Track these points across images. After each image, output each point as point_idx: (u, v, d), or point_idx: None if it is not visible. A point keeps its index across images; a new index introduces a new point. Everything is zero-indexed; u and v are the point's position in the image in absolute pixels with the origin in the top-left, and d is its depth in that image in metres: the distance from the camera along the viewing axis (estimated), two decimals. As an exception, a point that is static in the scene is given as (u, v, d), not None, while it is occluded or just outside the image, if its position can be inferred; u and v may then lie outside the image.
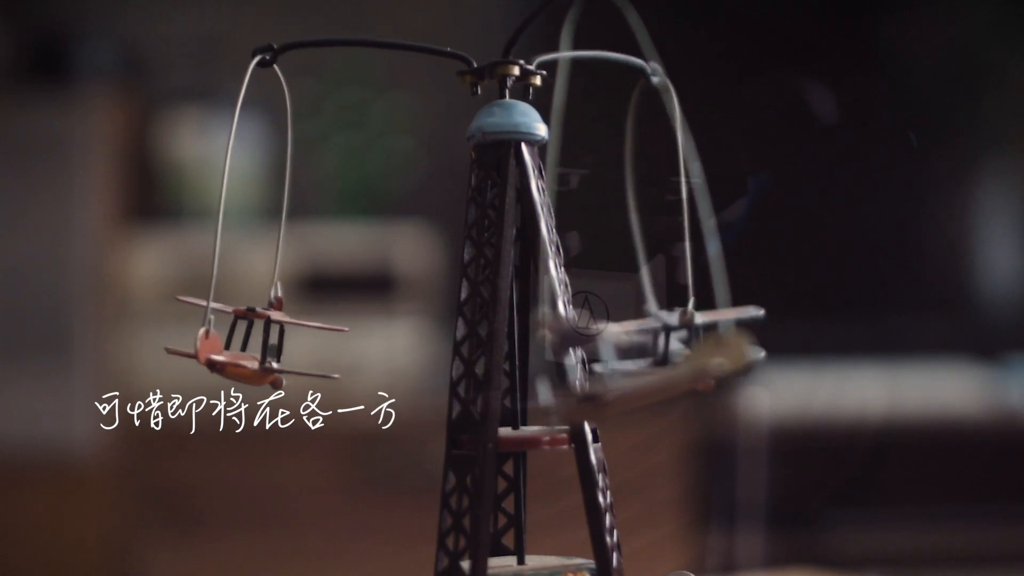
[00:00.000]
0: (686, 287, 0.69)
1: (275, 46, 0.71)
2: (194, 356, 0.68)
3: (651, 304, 0.71)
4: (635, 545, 0.72)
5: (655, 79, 0.72)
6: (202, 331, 0.68)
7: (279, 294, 0.72)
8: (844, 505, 2.19)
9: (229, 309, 0.71)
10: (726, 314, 0.70)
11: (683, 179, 0.70)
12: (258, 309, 0.70)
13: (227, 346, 0.69)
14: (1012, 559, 2.12)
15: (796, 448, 2.11)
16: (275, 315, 0.70)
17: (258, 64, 0.70)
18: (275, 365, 0.69)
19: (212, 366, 0.68)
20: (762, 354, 0.69)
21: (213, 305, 0.69)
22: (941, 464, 2.23)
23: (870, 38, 2.41)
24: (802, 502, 2.14)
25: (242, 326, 0.70)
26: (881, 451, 2.18)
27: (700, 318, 0.69)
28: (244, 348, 0.70)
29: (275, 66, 0.71)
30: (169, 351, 0.70)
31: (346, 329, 0.70)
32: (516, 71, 0.69)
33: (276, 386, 0.70)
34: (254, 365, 0.69)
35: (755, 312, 0.70)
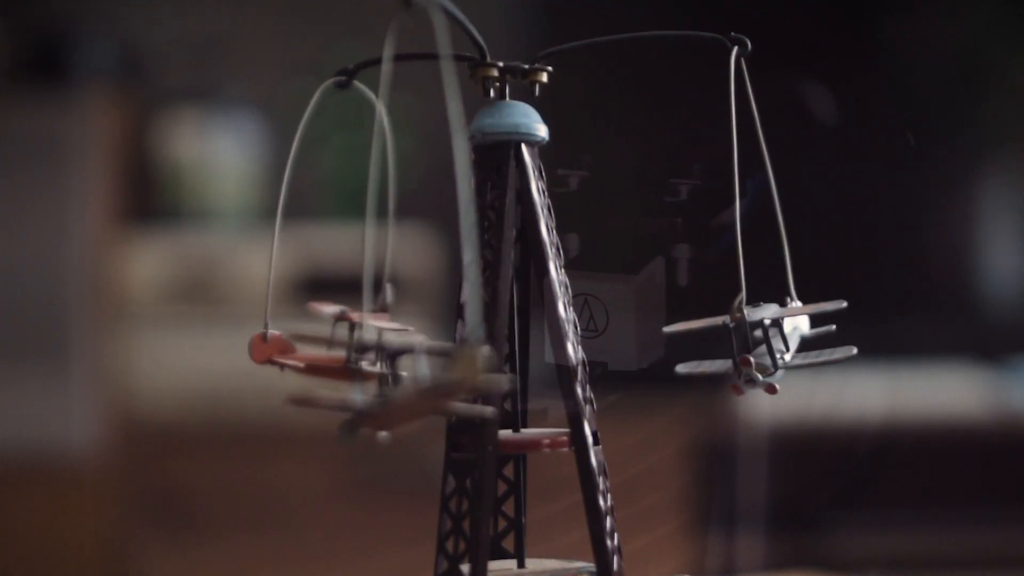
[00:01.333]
0: (740, 282, 0.67)
1: (351, 67, 0.71)
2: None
3: (792, 294, 0.70)
4: (634, 546, 0.72)
5: (737, 50, 0.69)
6: (256, 334, 0.68)
7: (388, 298, 0.71)
8: (845, 507, 2.19)
9: (328, 313, 0.70)
10: (808, 309, 0.69)
11: (733, 160, 0.67)
12: (347, 312, 0.70)
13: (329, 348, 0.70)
14: (1014, 562, 2.12)
15: (797, 450, 2.10)
16: (355, 316, 0.69)
17: (336, 85, 0.70)
18: (363, 365, 0.68)
19: (281, 367, 0.68)
20: (854, 351, 0.68)
21: (329, 309, 0.68)
22: (942, 467, 2.23)
23: (870, 38, 2.41)
24: (803, 504, 2.13)
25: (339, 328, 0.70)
26: (882, 453, 2.17)
27: (764, 312, 0.67)
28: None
29: (356, 83, 0.71)
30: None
31: (411, 329, 0.70)
32: (495, 72, 0.69)
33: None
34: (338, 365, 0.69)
35: (839, 305, 0.69)
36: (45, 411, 2.22)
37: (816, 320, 0.72)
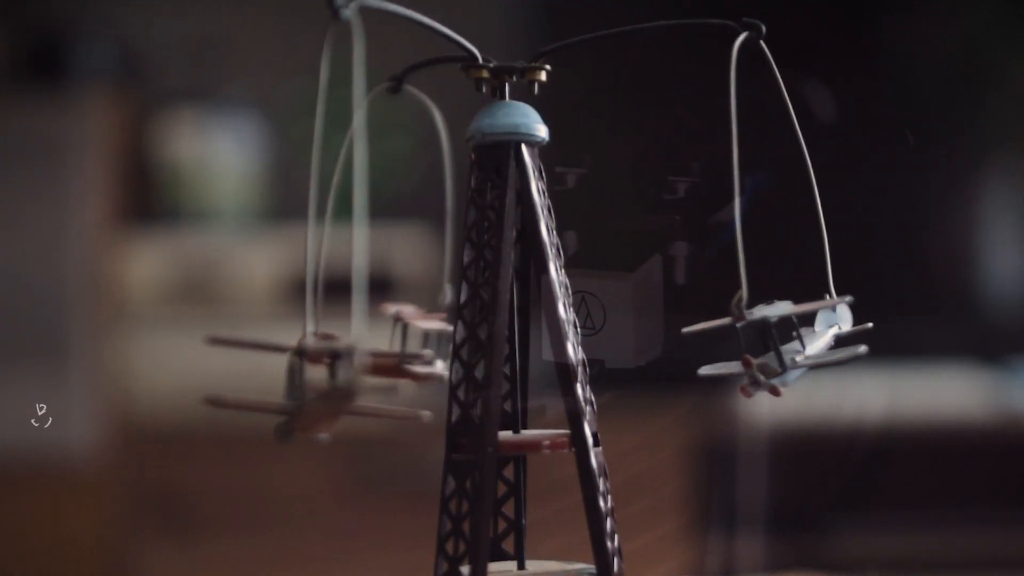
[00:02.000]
0: (740, 279, 0.64)
1: (400, 72, 0.70)
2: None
3: (832, 291, 0.69)
4: (634, 547, 0.71)
5: (745, 35, 0.66)
6: (304, 334, 0.68)
7: (446, 298, 0.71)
8: (845, 509, 2.19)
9: (389, 312, 0.71)
10: (811, 306, 0.68)
11: (734, 154, 0.64)
12: (400, 312, 0.70)
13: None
14: (1015, 564, 2.11)
15: (797, 451, 2.10)
16: (406, 315, 0.69)
17: (388, 91, 0.70)
18: (415, 367, 0.68)
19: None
20: (861, 350, 0.66)
21: (392, 309, 0.68)
22: (943, 468, 2.23)
23: (870, 38, 2.41)
24: (803, 505, 2.13)
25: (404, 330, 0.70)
26: (883, 455, 2.17)
27: (769, 311, 0.66)
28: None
29: (406, 86, 0.70)
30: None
31: (450, 328, 0.70)
32: (486, 74, 0.69)
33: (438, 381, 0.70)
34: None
35: (842, 300, 0.68)
36: (44, 411, 2.21)
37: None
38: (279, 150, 2.41)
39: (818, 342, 0.68)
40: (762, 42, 0.66)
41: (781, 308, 0.66)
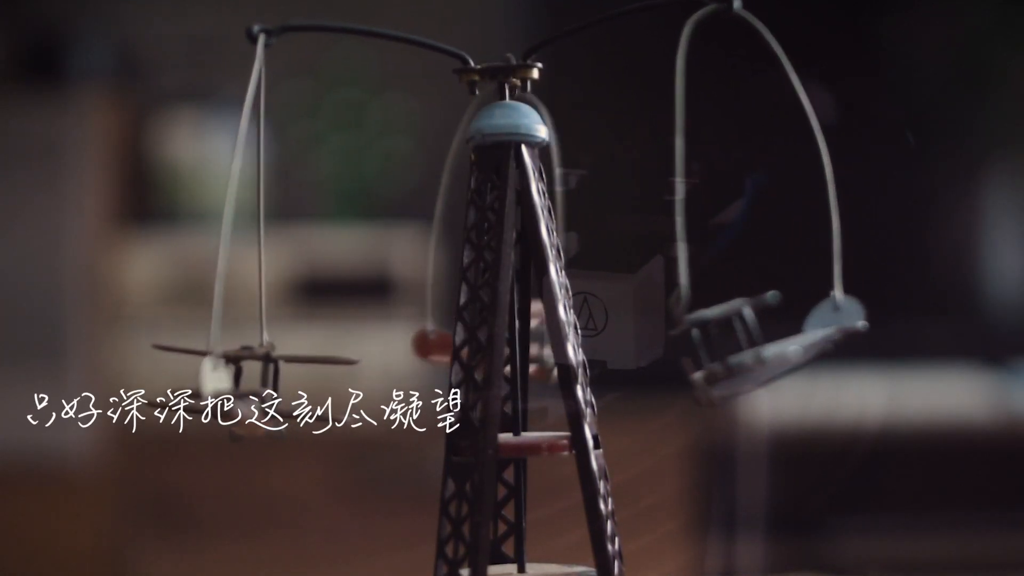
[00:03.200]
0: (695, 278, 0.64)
1: (513, 60, 0.70)
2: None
3: (839, 289, 0.68)
4: (633, 548, 0.71)
5: (713, 7, 0.64)
6: (419, 330, 0.68)
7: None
8: (845, 511, 2.19)
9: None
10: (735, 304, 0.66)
11: (679, 135, 0.63)
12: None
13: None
14: (1016, 566, 2.11)
15: (797, 453, 2.10)
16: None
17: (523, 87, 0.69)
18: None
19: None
20: (792, 349, 0.65)
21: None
22: (945, 470, 2.23)
23: (870, 38, 2.41)
24: (803, 507, 2.13)
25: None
26: (884, 456, 2.17)
27: (710, 312, 0.63)
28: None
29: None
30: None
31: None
32: (477, 76, 0.69)
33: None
34: None
35: (761, 300, 0.66)
36: (40, 413, 2.21)
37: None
38: (278, 150, 2.40)
39: (789, 345, 0.65)
40: (748, 13, 0.65)
41: (728, 308, 0.63)
